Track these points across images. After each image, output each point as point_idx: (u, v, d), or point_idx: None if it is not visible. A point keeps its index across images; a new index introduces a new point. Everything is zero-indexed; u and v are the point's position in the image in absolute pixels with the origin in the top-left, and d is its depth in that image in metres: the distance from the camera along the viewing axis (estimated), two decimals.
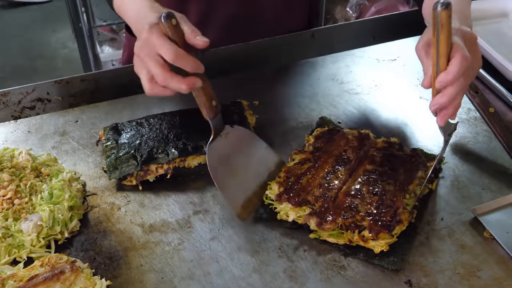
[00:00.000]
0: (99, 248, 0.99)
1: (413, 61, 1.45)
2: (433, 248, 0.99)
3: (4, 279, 0.87)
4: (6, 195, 1.01)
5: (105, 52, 3.29)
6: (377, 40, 1.56)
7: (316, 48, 1.52)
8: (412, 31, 1.55)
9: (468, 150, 1.19)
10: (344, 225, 0.97)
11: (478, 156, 1.18)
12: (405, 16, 1.66)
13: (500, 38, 1.44)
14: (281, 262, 0.96)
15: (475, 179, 1.13)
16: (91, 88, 1.36)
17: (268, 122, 1.27)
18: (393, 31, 1.59)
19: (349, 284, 0.93)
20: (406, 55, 1.48)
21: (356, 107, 1.31)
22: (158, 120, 1.16)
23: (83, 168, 1.14)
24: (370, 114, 1.30)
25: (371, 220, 0.96)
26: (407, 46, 1.51)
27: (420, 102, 1.33)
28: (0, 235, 0.94)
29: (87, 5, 3.06)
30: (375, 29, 1.62)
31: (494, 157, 1.17)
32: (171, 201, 1.08)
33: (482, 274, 0.94)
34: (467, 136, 1.23)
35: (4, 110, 1.30)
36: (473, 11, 1.48)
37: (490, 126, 1.24)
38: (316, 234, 0.99)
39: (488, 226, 1.02)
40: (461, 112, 1.29)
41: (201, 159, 1.12)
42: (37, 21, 4.26)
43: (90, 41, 3.18)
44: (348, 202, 1.00)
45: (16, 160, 1.09)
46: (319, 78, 1.41)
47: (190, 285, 0.92)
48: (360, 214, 0.97)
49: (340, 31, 1.60)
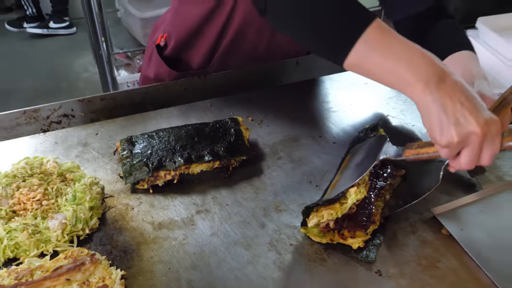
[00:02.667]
0: (115, 243, 0.97)
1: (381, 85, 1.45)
2: (399, 243, 0.99)
3: (32, 270, 0.86)
4: (35, 197, 1.00)
5: (121, 75, 3.29)
6: None
7: (300, 73, 1.52)
8: None
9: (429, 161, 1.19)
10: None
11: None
12: None
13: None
14: (271, 255, 0.95)
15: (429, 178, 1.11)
16: (110, 105, 1.36)
17: (259, 135, 1.26)
18: None
19: (328, 273, 0.92)
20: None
21: (333, 123, 1.31)
22: (167, 133, 1.15)
23: (102, 174, 1.13)
24: (345, 128, 1.29)
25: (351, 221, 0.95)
26: None
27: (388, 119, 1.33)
28: (30, 231, 0.93)
29: (106, 35, 3.06)
30: None
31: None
32: (177, 202, 1.07)
33: (441, 265, 0.94)
34: None
35: (34, 124, 1.29)
36: (496, 23, 1.50)
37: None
38: (305, 230, 0.97)
39: (445, 224, 1.02)
40: (421, 127, 1.29)
41: (203, 167, 1.11)
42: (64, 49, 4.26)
43: (108, 65, 3.18)
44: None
45: (45, 167, 1.08)
46: (303, 99, 1.41)
47: (193, 275, 0.91)
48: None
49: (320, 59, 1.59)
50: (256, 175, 1.14)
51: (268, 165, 1.17)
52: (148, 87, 1.40)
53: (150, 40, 1.56)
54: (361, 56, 0.84)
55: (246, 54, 1.41)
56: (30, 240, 0.93)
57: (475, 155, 0.81)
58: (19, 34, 4.45)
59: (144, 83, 1.53)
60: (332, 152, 1.21)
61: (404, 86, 0.82)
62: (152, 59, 1.48)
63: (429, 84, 0.79)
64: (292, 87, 1.46)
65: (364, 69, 0.87)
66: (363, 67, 0.86)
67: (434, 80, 0.79)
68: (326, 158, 1.19)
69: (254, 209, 1.06)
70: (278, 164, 1.17)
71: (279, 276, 0.92)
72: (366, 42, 0.83)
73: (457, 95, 0.78)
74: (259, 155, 1.19)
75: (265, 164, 1.17)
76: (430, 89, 0.79)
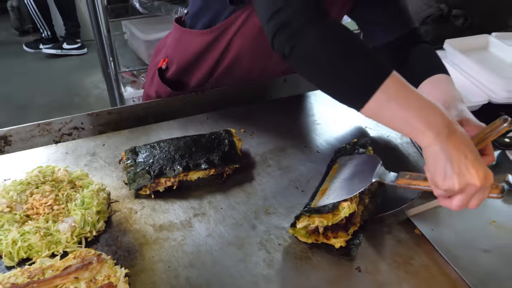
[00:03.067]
0: (119, 244, 0.96)
1: None
2: (377, 242, 0.98)
3: (44, 269, 0.85)
4: (47, 202, 0.99)
5: (127, 91, 3.28)
6: None
7: (287, 89, 1.52)
8: None
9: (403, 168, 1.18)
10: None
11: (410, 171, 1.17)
12: None
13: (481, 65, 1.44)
14: (261, 254, 0.95)
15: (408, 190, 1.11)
16: (116, 119, 1.35)
17: (251, 145, 1.26)
18: None
19: (313, 270, 0.92)
20: None
21: (317, 134, 1.31)
22: (167, 144, 1.14)
23: (108, 181, 1.12)
24: (328, 139, 1.29)
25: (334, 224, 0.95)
26: None
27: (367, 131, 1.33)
28: (42, 234, 0.92)
29: (114, 55, 3.06)
30: None
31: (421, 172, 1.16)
32: (176, 206, 1.06)
33: (414, 262, 0.94)
34: (402, 156, 1.23)
35: (47, 136, 1.28)
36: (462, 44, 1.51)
37: (418, 149, 1.24)
38: (293, 231, 0.97)
39: (418, 225, 1.02)
40: (396, 138, 1.29)
41: (199, 174, 1.10)
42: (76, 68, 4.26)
43: (116, 83, 3.17)
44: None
45: (56, 175, 1.07)
46: (290, 112, 1.41)
47: (191, 272, 0.91)
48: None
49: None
50: (248, 181, 1.14)
51: (258, 172, 1.16)
52: (151, 102, 1.39)
53: (153, 61, 1.55)
54: (379, 105, 0.84)
55: (241, 77, 1.41)
56: (42, 242, 0.92)
57: (467, 201, 0.83)
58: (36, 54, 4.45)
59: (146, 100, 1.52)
60: (316, 161, 1.20)
61: (416, 133, 0.83)
62: (154, 80, 1.48)
63: (440, 135, 0.80)
64: (280, 102, 1.46)
65: (380, 117, 0.87)
66: (380, 115, 0.86)
67: (445, 132, 0.80)
68: (311, 165, 1.19)
69: (246, 212, 1.05)
70: (268, 172, 1.16)
71: (268, 273, 0.91)
72: (384, 93, 0.83)
73: (462, 148, 0.80)
74: (251, 163, 1.19)
75: (256, 171, 1.17)
76: (440, 139, 0.80)
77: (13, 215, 0.97)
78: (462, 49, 1.51)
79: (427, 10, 1.80)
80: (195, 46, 1.33)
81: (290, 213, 1.04)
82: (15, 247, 0.91)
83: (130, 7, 3.08)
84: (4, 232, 0.93)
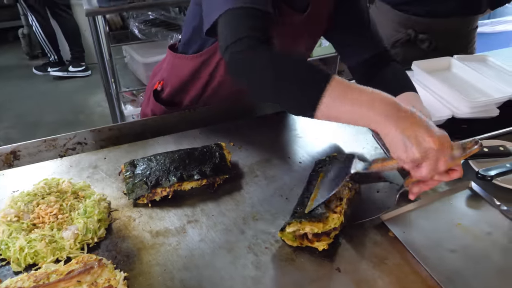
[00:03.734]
0: (119, 249, 0.95)
1: None
2: (354, 244, 0.98)
3: (49, 274, 0.84)
4: (52, 212, 0.98)
5: (127, 109, 3.27)
6: None
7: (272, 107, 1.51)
8: None
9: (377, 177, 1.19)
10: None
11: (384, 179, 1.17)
12: None
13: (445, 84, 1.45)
14: (249, 257, 0.94)
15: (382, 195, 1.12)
16: (116, 134, 1.33)
17: (239, 157, 1.25)
18: None
19: (297, 271, 0.91)
20: None
21: (299, 146, 1.31)
22: (163, 157, 1.13)
23: (109, 192, 1.10)
24: (309, 151, 1.28)
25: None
26: None
27: (340, 142, 1.33)
28: (47, 241, 0.91)
29: (115, 77, 3.06)
30: None
31: (395, 181, 1.17)
32: (171, 214, 1.05)
33: (388, 262, 0.94)
34: None
35: (53, 150, 1.26)
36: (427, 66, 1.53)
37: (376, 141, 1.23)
38: (282, 234, 0.96)
39: (391, 228, 1.01)
40: (370, 149, 1.29)
41: (193, 184, 1.09)
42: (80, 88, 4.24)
43: (117, 102, 3.16)
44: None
45: (61, 186, 1.06)
46: (274, 127, 1.40)
47: (185, 275, 0.89)
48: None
49: None
50: (237, 190, 1.13)
51: (246, 182, 1.15)
52: (148, 119, 1.38)
53: (150, 83, 1.56)
54: (328, 107, 0.85)
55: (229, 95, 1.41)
56: (47, 248, 0.90)
57: (434, 166, 0.84)
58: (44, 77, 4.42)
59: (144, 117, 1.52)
60: (298, 170, 1.20)
61: (368, 122, 0.85)
62: (150, 100, 1.48)
63: (389, 117, 0.82)
64: (266, 118, 1.46)
65: (332, 117, 0.88)
66: (331, 115, 0.87)
67: (393, 113, 0.82)
68: (294, 175, 1.18)
69: (235, 218, 1.04)
70: (255, 181, 1.16)
71: (256, 274, 0.90)
72: (329, 96, 0.84)
73: (413, 123, 0.82)
74: (239, 174, 1.18)
75: (244, 181, 1.16)
76: (390, 121, 0.81)
77: (21, 224, 0.95)
78: (427, 69, 1.53)
79: (397, 35, 1.82)
80: (187, 69, 1.34)
81: (276, 219, 1.03)
82: (22, 254, 0.89)
83: (130, 34, 3.08)
84: (12, 240, 0.91)
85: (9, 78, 4.40)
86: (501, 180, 1.15)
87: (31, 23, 4.13)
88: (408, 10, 1.78)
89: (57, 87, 4.29)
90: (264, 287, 0.88)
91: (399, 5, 1.80)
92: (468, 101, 1.34)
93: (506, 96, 1.41)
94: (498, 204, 1.08)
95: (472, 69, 1.55)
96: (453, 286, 0.88)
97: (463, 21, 1.82)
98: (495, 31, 3.27)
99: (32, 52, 4.78)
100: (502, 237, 1.01)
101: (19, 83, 4.31)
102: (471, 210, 1.08)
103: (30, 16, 4.04)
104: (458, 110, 1.36)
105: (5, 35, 5.06)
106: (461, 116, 1.35)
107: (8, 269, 0.90)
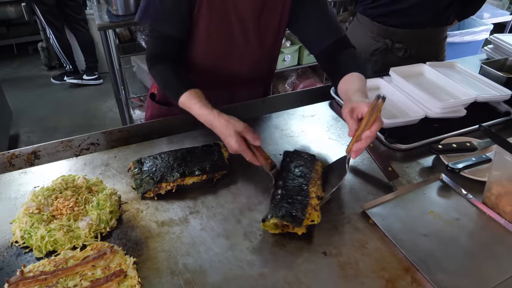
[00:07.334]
0: (129, 237, 0.96)
1: (324, 116, 1.46)
2: (338, 231, 0.99)
3: (67, 259, 0.85)
4: (69, 205, 0.98)
5: (136, 114, 3.27)
6: (303, 103, 1.57)
7: (265, 109, 1.52)
8: (324, 98, 1.57)
9: (358, 170, 1.20)
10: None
11: (364, 173, 1.18)
12: (320, 89, 1.67)
13: (419, 88, 1.46)
14: (245, 243, 0.95)
15: (363, 187, 1.13)
16: (125, 136, 1.34)
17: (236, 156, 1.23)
18: (313, 98, 1.60)
19: (287, 255, 0.92)
20: (320, 112, 1.49)
21: (290, 145, 1.31)
22: (167, 155, 1.14)
23: (119, 187, 1.11)
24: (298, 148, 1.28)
25: None
26: (321, 107, 1.52)
27: (329, 141, 1.33)
28: (65, 230, 0.92)
29: (125, 84, 3.05)
30: (302, 97, 1.63)
31: (374, 173, 1.18)
32: (175, 206, 1.05)
33: (369, 246, 0.95)
34: (357, 161, 1.24)
35: (69, 151, 1.27)
36: (403, 71, 1.54)
37: (370, 155, 1.25)
38: (263, 225, 0.96)
39: (371, 216, 1.02)
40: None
41: (194, 179, 1.10)
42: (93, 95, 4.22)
43: (126, 107, 3.16)
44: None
45: (76, 182, 1.06)
46: (268, 127, 1.41)
47: (188, 260, 0.90)
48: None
49: (281, 99, 1.60)
50: (233, 184, 1.13)
51: (242, 177, 1.16)
52: (154, 121, 1.39)
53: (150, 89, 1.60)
54: (184, 102, 1.15)
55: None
56: (65, 237, 0.91)
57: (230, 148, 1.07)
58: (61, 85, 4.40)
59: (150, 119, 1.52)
60: None
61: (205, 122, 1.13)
62: (150, 104, 1.54)
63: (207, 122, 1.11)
64: (260, 119, 1.46)
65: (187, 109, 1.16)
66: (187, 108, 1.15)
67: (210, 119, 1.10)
68: None
69: (232, 209, 1.05)
70: (249, 176, 1.16)
71: (251, 258, 0.91)
72: (185, 97, 1.14)
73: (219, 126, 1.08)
74: (236, 170, 1.18)
75: (240, 176, 1.16)
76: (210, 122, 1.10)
77: (41, 215, 0.96)
78: (403, 75, 1.54)
79: (376, 44, 1.82)
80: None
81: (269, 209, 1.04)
82: (43, 242, 0.90)
83: (137, 45, 3.08)
84: (34, 230, 0.92)
85: (29, 87, 4.38)
86: (468, 172, 1.16)
87: (49, 37, 4.12)
88: (386, 21, 1.79)
89: (72, 95, 4.27)
90: (258, 268, 0.89)
91: (378, 17, 1.81)
92: (439, 102, 1.35)
93: (472, 98, 1.42)
94: (465, 193, 1.10)
95: (442, 74, 1.57)
96: (425, 266, 0.90)
97: (434, 31, 1.83)
98: (464, 41, 3.29)
99: (50, 63, 4.76)
100: (468, 222, 1.02)
101: (38, 92, 4.29)
102: (442, 199, 1.09)
103: (48, 30, 4.03)
104: (430, 111, 1.37)
105: (25, 48, 5.04)
106: (433, 116, 1.36)
107: (31, 256, 0.91)
